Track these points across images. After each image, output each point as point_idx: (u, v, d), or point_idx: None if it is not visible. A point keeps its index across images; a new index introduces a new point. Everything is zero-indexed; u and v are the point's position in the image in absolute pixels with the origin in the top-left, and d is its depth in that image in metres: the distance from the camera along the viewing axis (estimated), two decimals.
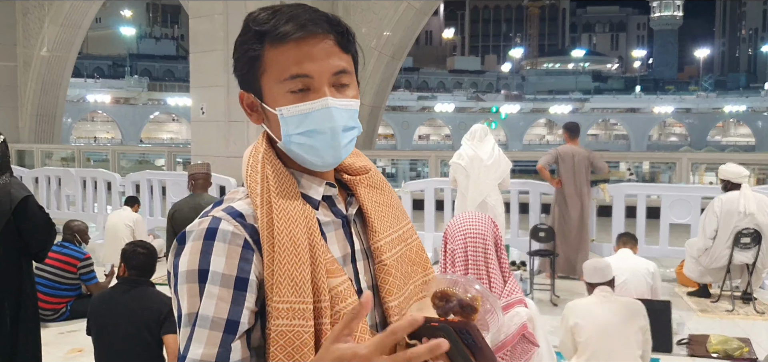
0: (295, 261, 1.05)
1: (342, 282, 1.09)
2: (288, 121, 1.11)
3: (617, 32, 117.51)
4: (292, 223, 1.07)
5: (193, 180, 6.04)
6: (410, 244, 1.25)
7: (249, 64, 1.13)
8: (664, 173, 19.24)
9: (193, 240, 1.07)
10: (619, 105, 73.31)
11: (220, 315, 1.02)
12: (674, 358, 4.98)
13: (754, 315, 6.08)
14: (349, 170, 1.23)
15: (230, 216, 1.08)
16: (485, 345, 0.99)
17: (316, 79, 1.10)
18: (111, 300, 3.75)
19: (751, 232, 6.12)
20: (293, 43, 1.09)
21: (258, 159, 1.14)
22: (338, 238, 1.16)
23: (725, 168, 6.53)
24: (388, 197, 1.25)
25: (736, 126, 72.69)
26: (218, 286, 1.03)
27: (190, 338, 1.03)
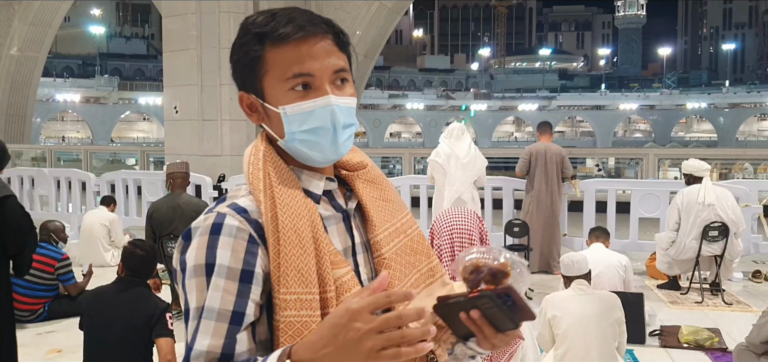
0: (301, 253, 1.08)
1: (346, 273, 1.13)
2: (291, 118, 1.14)
3: (583, 31, 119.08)
4: (295, 217, 1.10)
5: (172, 179, 6.03)
6: (410, 235, 1.28)
7: (250, 66, 1.17)
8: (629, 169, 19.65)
9: (199, 235, 1.10)
10: (585, 102, 74.36)
11: (226, 307, 1.05)
12: (647, 349, 5.12)
13: (723, 306, 6.27)
14: (346, 166, 1.27)
15: (234, 211, 1.12)
16: (523, 302, 1.06)
17: (318, 77, 1.14)
18: (105, 299, 3.74)
19: (718, 225, 6.33)
20: (294, 43, 1.13)
21: (259, 157, 1.17)
22: (339, 232, 1.20)
23: (687, 163, 6.77)
24: (385, 191, 1.29)
25: (698, 122, 74.27)
26: (224, 279, 1.06)
27: (196, 330, 1.05)
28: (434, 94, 73.64)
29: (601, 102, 73.88)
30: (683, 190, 6.63)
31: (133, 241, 4.09)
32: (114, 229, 7.82)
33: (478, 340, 1.14)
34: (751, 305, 6.35)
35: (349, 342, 0.93)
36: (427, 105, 71.44)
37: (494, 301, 1.06)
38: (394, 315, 0.93)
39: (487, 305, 1.07)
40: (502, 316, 1.06)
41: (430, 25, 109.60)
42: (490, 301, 1.06)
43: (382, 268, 1.20)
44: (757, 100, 69.90)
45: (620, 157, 20.29)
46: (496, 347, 1.14)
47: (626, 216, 7.98)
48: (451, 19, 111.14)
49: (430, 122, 68.44)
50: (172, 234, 5.66)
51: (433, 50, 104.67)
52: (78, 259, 7.47)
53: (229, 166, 12.20)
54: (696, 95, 73.94)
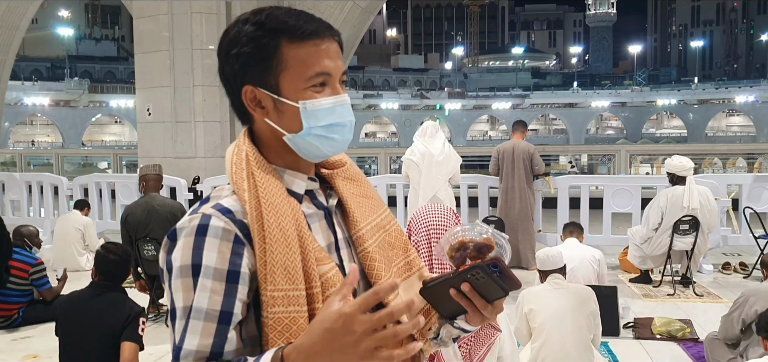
0: (287, 251, 1.10)
1: (330, 269, 1.15)
2: (311, 114, 1.18)
3: (554, 29, 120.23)
4: (280, 215, 1.12)
5: (145, 181, 6.00)
6: (389, 230, 1.32)
7: (264, 61, 1.17)
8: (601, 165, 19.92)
9: (185, 236, 1.12)
10: (557, 100, 75.11)
11: (214, 307, 1.07)
12: (621, 341, 5.21)
13: (694, 298, 6.41)
14: (326, 164, 1.30)
15: (219, 212, 1.13)
16: (509, 271, 1.14)
17: (334, 76, 1.20)
18: (79, 304, 3.71)
19: (689, 219, 6.45)
20: (314, 43, 1.17)
21: (242, 156, 1.19)
22: (322, 229, 1.23)
23: (670, 161, 6.73)
24: (364, 188, 1.33)
25: (668, 118, 75.43)
26: (211, 280, 1.08)
27: (185, 330, 1.07)
28: (409, 94, 73.81)
29: (574, 100, 74.68)
30: (666, 192, 6.59)
31: (105, 245, 4.06)
32: (88, 233, 7.73)
33: (469, 315, 1.19)
34: (722, 296, 6.49)
35: (344, 345, 0.95)
36: (402, 104, 71.58)
37: (485, 271, 1.12)
38: (386, 313, 0.95)
39: (477, 275, 1.13)
40: (493, 285, 1.13)
41: (403, 25, 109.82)
42: (480, 271, 1.12)
43: (366, 262, 1.24)
44: (725, 96, 71.20)
45: (593, 154, 20.53)
46: (486, 319, 1.20)
47: (599, 212, 8.10)
48: (425, 18, 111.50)
49: (405, 122, 68.59)
50: (148, 237, 5.63)
51: (407, 50, 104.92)
52: (52, 264, 7.38)
53: (204, 167, 12.12)
54: (666, 92, 75.08)
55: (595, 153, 20.58)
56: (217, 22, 12.65)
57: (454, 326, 1.28)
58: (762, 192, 7.77)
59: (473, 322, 1.22)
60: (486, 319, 1.20)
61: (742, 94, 69.17)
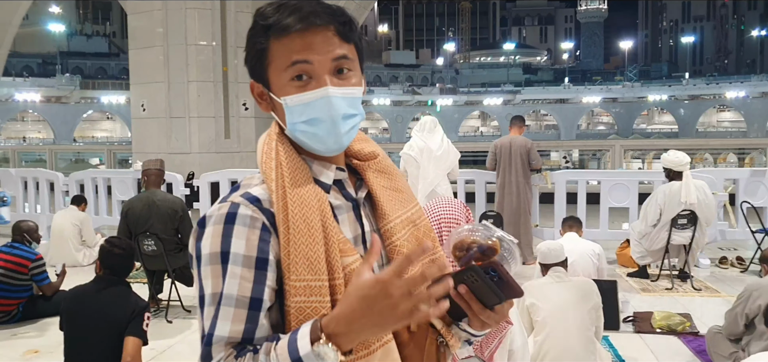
0: (310, 242, 1.11)
1: (355, 261, 1.15)
2: (292, 110, 1.17)
3: (546, 25, 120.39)
4: (305, 206, 1.13)
5: (147, 176, 5.98)
6: (419, 225, 1.31)
7: (257, 57, 1.20)
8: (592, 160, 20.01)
9: (213, 224, 1.13)
10: (549, 96, 75.31)
11: (244, 294, 1.09)
12: (622, 335, 5.24)
13: (692, 292, 6.44)
14: (358, 156, 1.29)
15: (248, 201, 1.15)
16: (510, 278, 1.09)
17: (317, 66, 1.16)
18: (85, 298, 3.70)
19: (688, 213, 6.48)
20: (296, 34, 1.15)
21: (272, 146, 1.21)
22: (350, 220, 1.23)
23: (667, 156, 6.75)
24: (396, 181, 1.32)
25: (659, 114, 75.72)
26: (240, 267, 1.09)
27: (215, 316, 1.08)
28: (400, 90, 73.84)
29: (565, 95, 74.88)
30: (664, 188, 6.61)
31: (109, 239, 4.05)
32: (85, 229, 7.69)
33: (469, 318, 1.18)
34: (720, 290, 6.54)
35: (384, 309, 0.98)
36: (394, 100, 71.58)
37: (479, 275, 1.09)
38: (420, 274, 0.97)
39: (472, 279, 1.09)
40: (489, 291, 1.09)
41: (394, 21, 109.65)
42: (475, 275, 1.09)
43: (394, 256, 1.23)
44: (715, 91, 71.55)
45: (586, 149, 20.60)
46: (486, 325, 1.19)
47: (595, 207, 8.13)
48: (416, 14, 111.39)
49: (397, 118, 68.65)
50: (148, 232, 5.61)
51: (399, 45, 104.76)
52: (49, 260, 7.34)
53: (198, 163, 12.09)
54: (657, 87, 75.39)
55: (590, 148, 20.65)
56: (211, 17, 12.62)
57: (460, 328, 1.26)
58: (758, 186, 7.82)
59: (474, 326, 1.21)
60: (487, 325, 1.18)
61: (733, 89, 69.53)
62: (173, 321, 5.67)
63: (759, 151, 15.27)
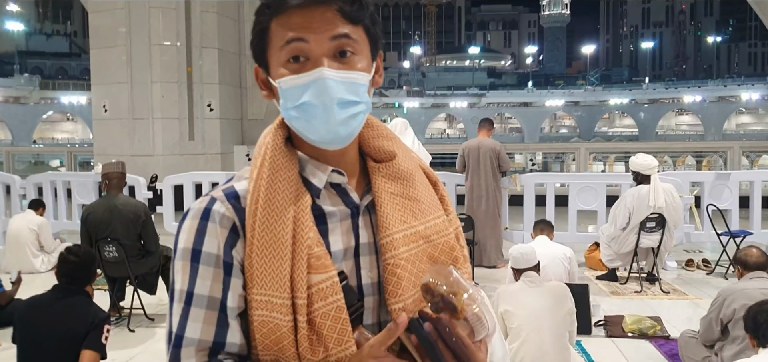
0: (274, 255, 1.02)
1: (326, 280, 1.03)
2: (285, 93, 1.06)
3: (510, 30, 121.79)
4: (275, 215, 1.04)
5: (107, 180, 5.76)
6: (435, 242, 1.14)
7: (258, 37, 1.10)
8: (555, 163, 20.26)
9: (191, 218, 1.08)
10: (513, 99, 76.06)
11: (215, 295, 1.04)
12: (594, 339, 5.22)
13: (661, 295, 6.47)
14: (375, 155, 1.16)
15: (226, 197, 1.08)
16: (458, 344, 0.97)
17: (313, 45, 1.04)
18: (40, 307, 3.51)
19: (656, 216, 6.52)
20: (294, 11, 1.04)
21: (266, 141, 1.11)
22: (343, 230, 1.10)
23: (635, 160, 6.77)
24: (411, 189, 1.16)
25: (620, 117, 77.05)
26: (213, 268, 1.04)
27: (185, 316, 1.03)
28: None
29: (529, 99, 75.71)
30: (633, 192, 6.64)
31: (68, 247, 3.88)
32: (43, 234, 7.41)
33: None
34: (687, 292, 6.58)
35: None
36: None
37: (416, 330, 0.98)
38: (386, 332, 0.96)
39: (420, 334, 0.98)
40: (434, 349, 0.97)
41: None
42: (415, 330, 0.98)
43: (386, 274, 1.09)
44: (674, 95, 73.08)
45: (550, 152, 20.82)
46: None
47: (563, 209, 8.15)
48: (383, 17, 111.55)
49: None
50: (109, 237, 5.41)
51: None
52: (5, 266, 7.09)
53: (162, 165, 11.84)
54: (618, 91, 76.69)
55: (556, 151, 20.87)
56: (175, 16, 12.38)
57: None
58: (723, 189, 7.93)
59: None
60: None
61: (690, 93, 71.08)
62: (136, 330, 5.48)
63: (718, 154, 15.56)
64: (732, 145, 13.35)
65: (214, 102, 12.90)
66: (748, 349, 3.47)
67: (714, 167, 15.91)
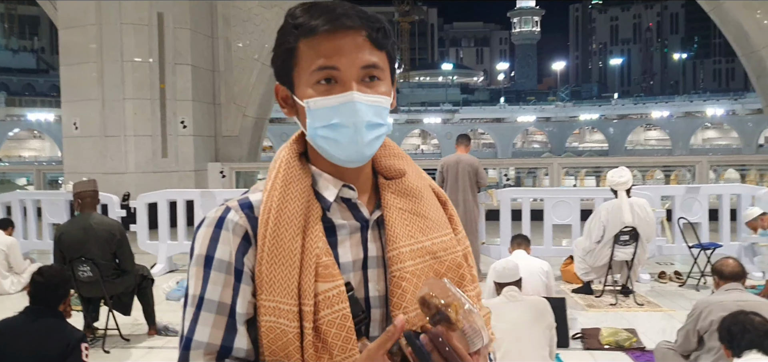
0: (283, 263, 1.07)
1: (332, 288, 1.07)
2: (314, 113, 1.10)
3: (482, 47, 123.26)
4: (286, 224, 1.08)
5: (80, 198, 5.68)
6: (442, 258, 1.18)
7: (283, 57, 1.14)
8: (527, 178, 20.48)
9: (206, 226, 1.13)
10: (486, 115, 76.78)
11: (226, 301, 1.08)
12: (572, 352, 5.26)
13: (635, 307, 6.56)
14: (386, 172, 1.21)
15: (241, 206, 1.13)
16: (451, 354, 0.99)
17: (344, 72, 1.09)
18: (11, 331, 3.44)
19: (630, 230, 6.62)
20: (324, 36, 1.09)
21: (281, 155, 1.17)
22: (353, 243, 1.14)
23: (610, 177, 6.89)
24: (420, 205, 1.20)
25: (590, 132, 78.11)
26: (224, 274, 1.09)
27: (195, 320, 1.08)
28: None
29: (501, 115, 76.47)
30: (607, 206, 6.76)
31: (39, 268, 3.82)
32: (12, 254, 7.26)
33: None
34: (661, 304, 6.67)
35: None
36: None
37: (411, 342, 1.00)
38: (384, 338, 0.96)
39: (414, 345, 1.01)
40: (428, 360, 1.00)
41: None
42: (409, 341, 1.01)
43: (391, 286, 1.13)
44: (642, 111, 74.37)
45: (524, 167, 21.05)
46: None
47: (538, 224, 8.23)
48: None
49: None
50: (83, 257, 5.32)
51: None
52: None
53: (135, 183, 11.70)
54: (588, 107, 77.89)
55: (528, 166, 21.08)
56: (148, 33, 12.30)
57: None
58: (693, 203, 8.08)
59: None
60: None
61: (658, 109, 72.43)
62: (111, 351, 5.39)
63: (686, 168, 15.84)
64: (700, 159, 13.61)
65: (187, 119, 12.81)
66: (722, 359, 3.54)
67: (682, 181, 16.16)
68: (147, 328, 5.80)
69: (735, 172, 16.84)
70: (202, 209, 8.58)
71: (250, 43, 13.89)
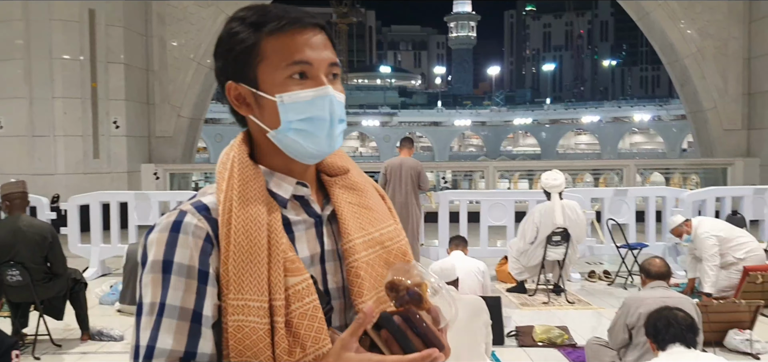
0: (250, 259, 1.07)
1: (301, 282, 1.10)
2: (288, 107, 1.12)
3: (419, 50, 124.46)
4: (250, 222, 1.09)
5: (9, 201, 5.49)
6: (389, 248, 1.24)
7: (243, 54, 1.14)
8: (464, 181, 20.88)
9: (159, 231, 1.10)
10: (423, 119, 77.45)
11: (187, 306, 1.06)
12: (507, 349, 5.42)
13: (567, 305, 6.80)
14: (329, 170, 1.25)
15: (196, 209, 1.11)
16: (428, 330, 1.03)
17: (316, 66, 1.13)
18: None
19: (561, 231, 6.87)
20: (293, 33, 1.12)
21: (230, 155, 1.17)
22: (308, 238, 1.17)
23: (544, 180, 7.16)
24: (366, 199, 1.26)
25: (524, 137, 79.93)
26: (184, 278, 1.06)
27: (156, 327, 1.05)
28: None
29: (438, 118, 77.28)
30: (540, 208, 7.01)
31: None
32: None
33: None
34: (591, 302, 6.94)
35: None
36: None
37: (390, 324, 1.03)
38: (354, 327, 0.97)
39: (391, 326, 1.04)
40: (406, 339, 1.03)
41: None
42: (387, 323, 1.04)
43: (350, 277, 1.17)
44: (573, 116, 76.48)
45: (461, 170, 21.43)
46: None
47: (475, 225, 8.42)
48: None
49: None
50: (12, 260, 5.14)
51: None
52: None
53: (65, 185, 11.34)
54: (521, 112, 79.52)
55: (465, 169, 21.44)
56: (78, 30, 11.95)
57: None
58: (621, 205, 8.42)
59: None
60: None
61: (588, 114, 74.60)
62: (41, 358, 5.21)
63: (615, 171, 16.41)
64: (628, 163, 14.18)
65: (120, 119, 12.48)
66: (649, 353, 3.72)
67: (610, 184, 16.73)
68: (80, 333, 5.65)
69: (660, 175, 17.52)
70: (137, 212, 8.40)
71: (186, 42, 13.65)
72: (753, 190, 8.84)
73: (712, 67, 13.61)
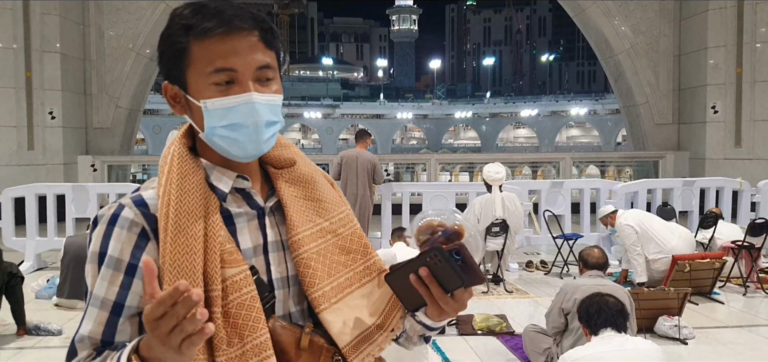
0: (187, 251, 1.09)
1: (239, 273, 1.12)
2: (212, 113, 1.14)
3: (362, 43, 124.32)
4: (187, 215, 1.12)
5: None
6: (342, 234, 1.27)
7: (175, 57, 1.15)
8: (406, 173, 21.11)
9: (100, 223, 1.15)
10: (366, 111, 77.49)
11: (109, 297, 1.11)
12: (447, 338, 5.56)
13: (505, 295, 7.03)
14: (274, 163, 1.27)
15: (135, 204, 1.15)
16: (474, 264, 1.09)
17: (241, 72, 1.13)
18: None
19: (500, 222, 7.09)
20: (218, 38, 1.12)
21: (170, 150, 1.19)
22: (251, 230, 1.20)
23: (485, 172, 7.37)
24: (313, 191, 1.28)
25: (465, 130, 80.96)
26: (111, 270, 1.11)
27: (85, 313, 1.12)
28: None
29: (381, 111, 77.47)
30: (480, 199, 7.22)
31: None
32: None
33: (427, 307, 1.17)
34: (528, 291, 7.19)
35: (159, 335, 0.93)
36: None
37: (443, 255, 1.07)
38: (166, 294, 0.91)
39: (436, 260, 1.08)
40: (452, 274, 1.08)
41: None
42: (439, 255, 1.07)
43: (300, 268, 1.21)
44: (512, 110, 77.91)
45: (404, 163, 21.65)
46: (444, 314, 1.19)
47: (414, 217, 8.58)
48: None
49: None
50: None
51: None
52: None
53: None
54: (462, 105, 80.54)
55: (408, 162, 21.67)
56: (12, 17, 11.59)
57: (416, 319, 1.27)
58: (557, 197, 8.72)
59: (431, 314, 1.21)
60: (445, 313, 1.18)
61: (527, 108, 76.16)
62: None
63: (552, 164, 16.90)
64: (564, 156, 14.62)
65: (56, 109, 12.13)
66: (583, 338, 3.92)
67: (548, 176, 17.22)
68: (16, 328, 5.53)
69: (595, 168, 18.09)
70: (75, 204, 8.22)
71: (124, 32, 13.34)
72: (682, 182, 9.29)
73: (644, 63, 14.12)
